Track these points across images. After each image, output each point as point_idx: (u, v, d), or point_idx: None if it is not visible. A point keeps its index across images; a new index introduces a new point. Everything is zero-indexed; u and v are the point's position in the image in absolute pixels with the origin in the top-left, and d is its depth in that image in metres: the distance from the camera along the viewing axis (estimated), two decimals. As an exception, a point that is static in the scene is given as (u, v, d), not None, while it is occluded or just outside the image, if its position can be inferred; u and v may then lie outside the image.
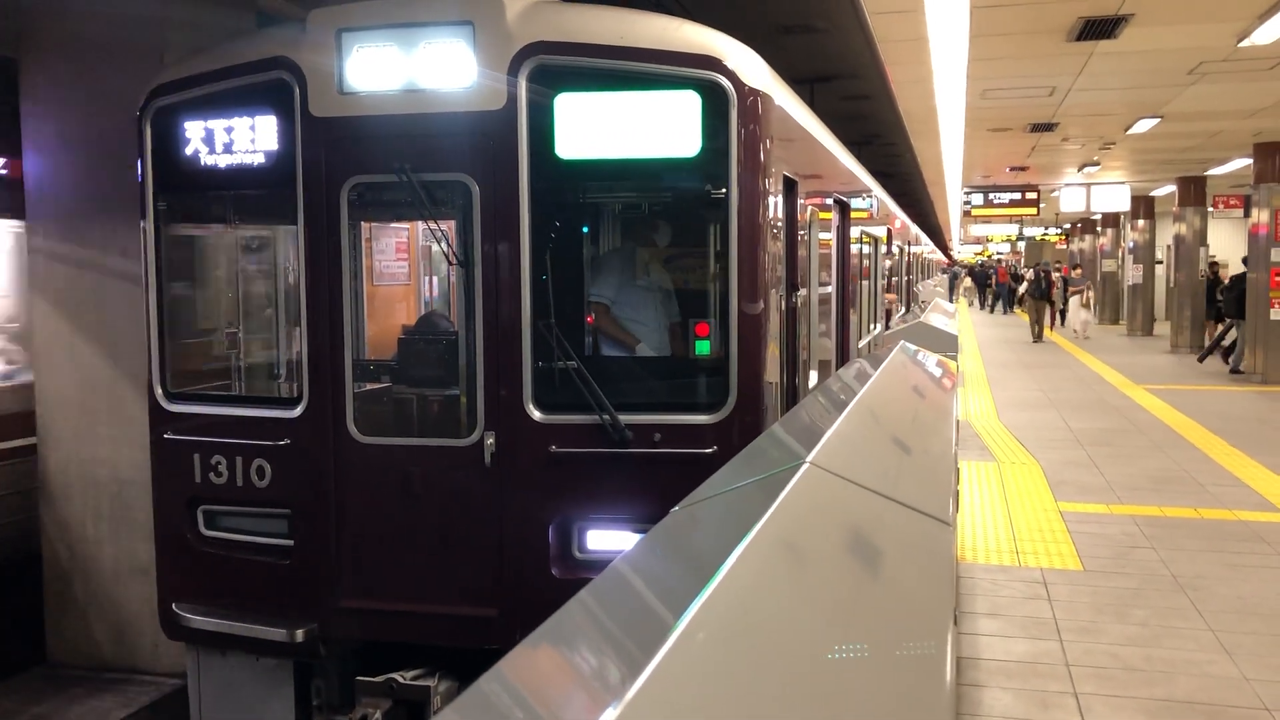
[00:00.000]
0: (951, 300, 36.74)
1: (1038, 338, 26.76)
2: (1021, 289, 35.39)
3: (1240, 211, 24.15)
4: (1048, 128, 16.19)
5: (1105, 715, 4.96)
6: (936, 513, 2.35)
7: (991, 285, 45.78)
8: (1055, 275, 30.89)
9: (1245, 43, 9.99)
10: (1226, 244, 29.65)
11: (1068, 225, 44.44)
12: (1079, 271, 31.48)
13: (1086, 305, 29.72)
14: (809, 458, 2.27)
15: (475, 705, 1.30)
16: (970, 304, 47.51)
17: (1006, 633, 6.04)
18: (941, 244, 54.93)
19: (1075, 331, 28.19)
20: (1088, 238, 37.83)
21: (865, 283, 11.74)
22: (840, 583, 1.88)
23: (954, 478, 4.22)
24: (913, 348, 6.87)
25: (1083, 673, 5.45)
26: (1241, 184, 23.04)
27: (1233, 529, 8.21)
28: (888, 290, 15.22)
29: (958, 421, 6.43)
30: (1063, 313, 31.13)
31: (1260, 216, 17.93)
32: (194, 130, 5.75)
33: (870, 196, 12.00)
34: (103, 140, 7.64)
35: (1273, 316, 17.58)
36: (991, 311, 43.30)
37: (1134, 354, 22.94)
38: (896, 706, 1.57)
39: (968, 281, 53.03)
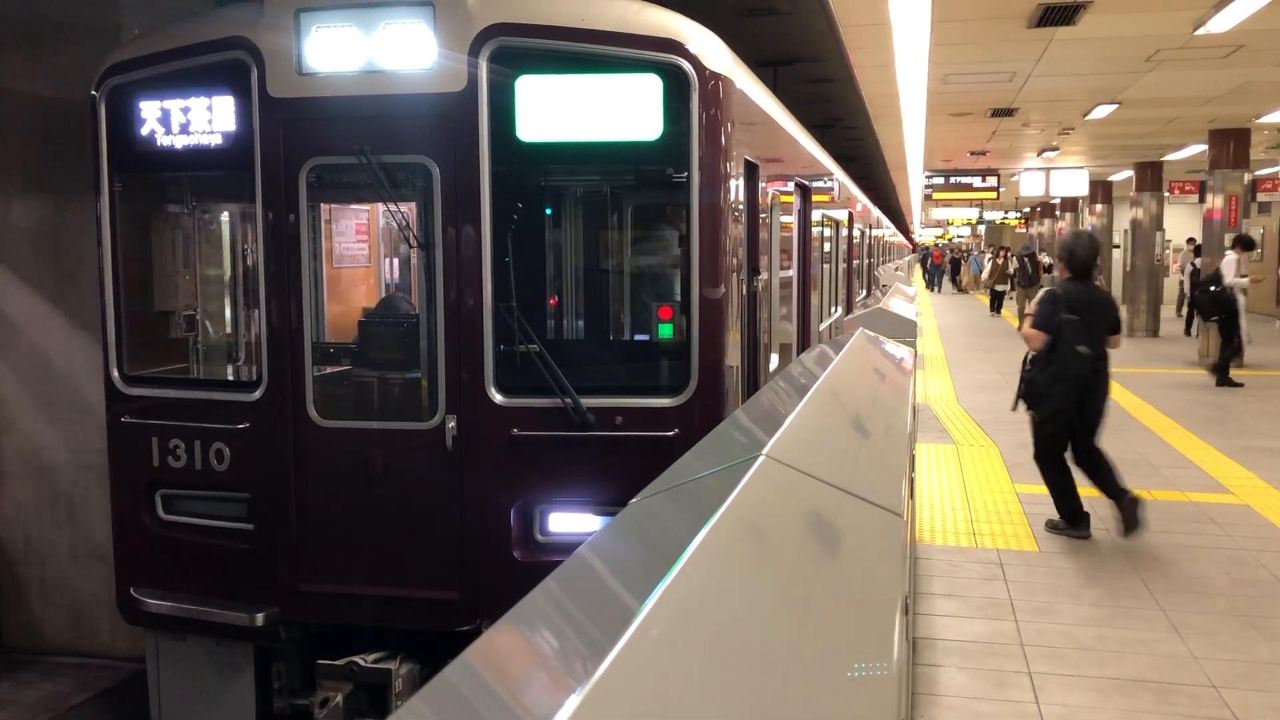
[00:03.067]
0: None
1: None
2: (984, 273, 34.96)
3: (1195, 197, 24.48)
4: (1008, 113, 16.33)
5: (1058, 694, 5.05)
6: (888, 504, 2.40)
7: (927, 266, 50.61)
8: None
9: (1201, 31, 10.12)
10: (1182, 229, 30.04)
11: (1027, 209, 44.88)
12: None
13: None
14: (764, 450, 2.30)
15: (441, 693, 1.31)
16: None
17: (963, 613, 6.13)
18: (903, 227, 55.49)
19: None
20: (1046, 221, 38.16)
21: (826, 266, 11.81)
22: (793, 572, 1.91)
23: (908, 465, 4.28)
24: (872, 334, 6.93)
25: (1037, 652, 5.55)
26: (1197, 170, 23.35)
27: (1184, 510, 8.36)
28: (849, 274, 15.30)
29: (915, 406, 6.50)
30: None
31: (1215, 202, 18.20)
32: (149, 110, 5.67)
33: (832, 180, 12.05)
34: (59, 118, 7.53)
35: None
36: (929, 289, 46.27)
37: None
38: (848, 689, 1.60)
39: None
